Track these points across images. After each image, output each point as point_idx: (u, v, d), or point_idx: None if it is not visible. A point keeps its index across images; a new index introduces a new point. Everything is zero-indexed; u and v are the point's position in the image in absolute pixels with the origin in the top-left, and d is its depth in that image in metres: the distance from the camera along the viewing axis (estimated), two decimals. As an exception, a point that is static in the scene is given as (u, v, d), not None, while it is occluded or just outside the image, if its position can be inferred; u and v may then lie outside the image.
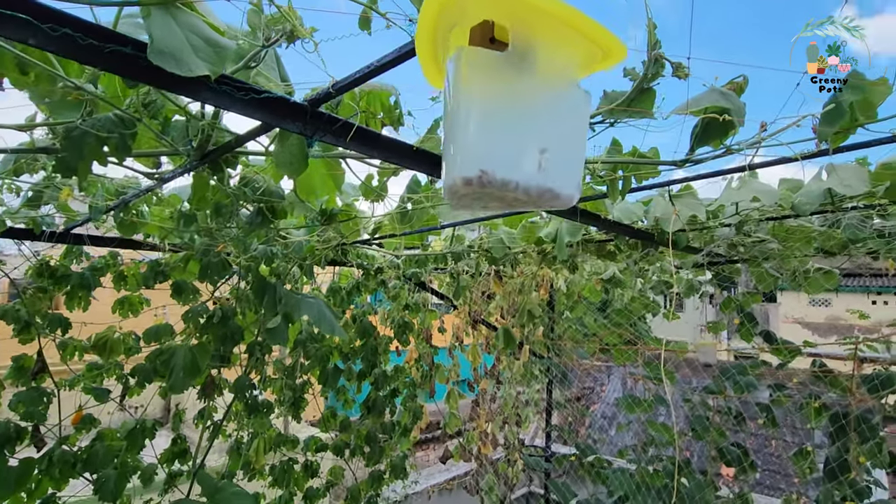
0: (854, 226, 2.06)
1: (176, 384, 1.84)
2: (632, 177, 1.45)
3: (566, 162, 0.38)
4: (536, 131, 0.37)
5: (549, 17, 0.37)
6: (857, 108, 1.07)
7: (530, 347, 3.81)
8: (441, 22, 0.39)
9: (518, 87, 0.37)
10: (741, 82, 1.18)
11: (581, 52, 0.40)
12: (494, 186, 0.36)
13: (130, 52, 0.64)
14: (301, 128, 0.86)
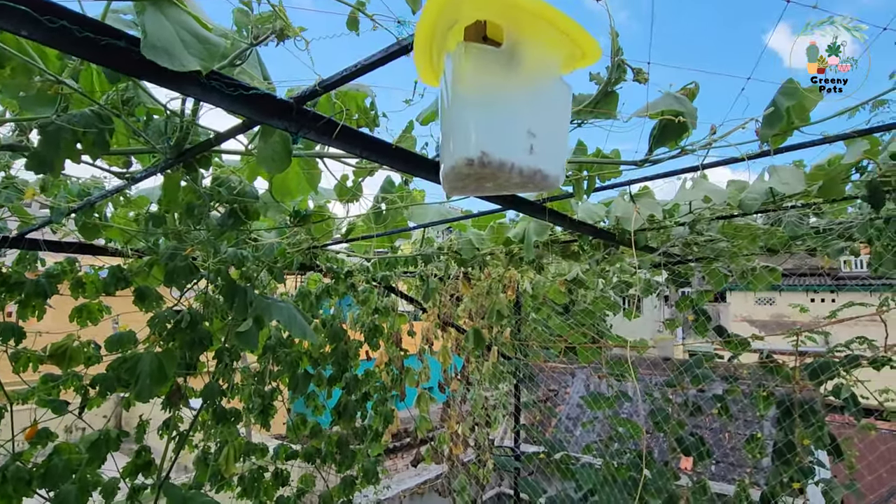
0: (793, 223, 2.24)
1: (142, 392, 1.79)
2: (596, 177, 1.54)
3: (553, 146, 0.44)
4: (528, 118, 0.42)
5: (536, 18, 0.42)
6: (793, 112, 1.20)
7: (498, 349, 3.89)
8: (439, 23, 0.44)
9: (510, 79, 0.42)
10: (693, 88, 1.29)
11: (564, 50, 0.45)
12: (493, 167, 0.40)
13: (124, 46, 0.65)
14: (287, 124, 0.88)
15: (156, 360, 1.86)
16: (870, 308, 3.22)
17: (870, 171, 1.66)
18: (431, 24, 0.44)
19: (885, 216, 2.39)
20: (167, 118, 1.02)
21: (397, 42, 0.75)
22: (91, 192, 1.50)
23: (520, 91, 0.41)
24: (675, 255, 3.11)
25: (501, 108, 0.41)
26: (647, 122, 1.35)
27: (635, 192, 2.13)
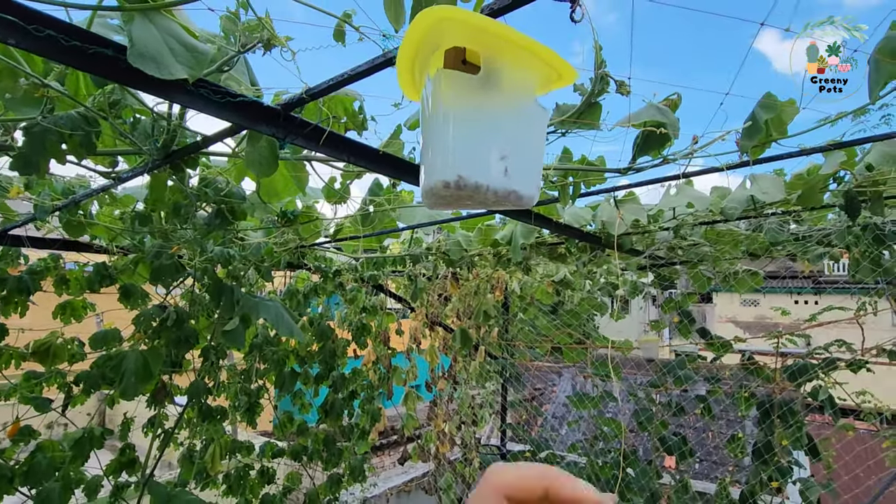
0: (774, 229, 2.30)
1: (127, 390, 1.79)
2: (581, 183, 1.57)
3: (528, 167, 0.45)
4: (503, 141, 0.43)
5: (513, 45, 0.44)
6: (772, 125, 1.23)
7: (486, 348, 3.92)
8: (421, 47, 0.45)
9: (488, 103, 0.43)
10: (675, 99, 1.32)
11: (540, 74, 0.47)
12: (469, 189, 0.41)
13: (111, 55, 0.65)
14: (274, 131, 0.89)
15: (141, 358, 1.86)
16: (848, 312, 3.30)
17: (846, 181, 1.71)
18: (413, 48, 0.46)
19: (862, 224, 2.45)
20: (154, 121, 1.02)
21: (383, 54, 0.76)
22: (76, 191, 1.50)
23: (497, 115, 0.43)
24: (660, 258, 3.16)
25: (478, 132, 0.42)
26: (632, 129, 1.37)
27: (622, 197, 2.17)
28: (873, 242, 2.50)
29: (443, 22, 0.41)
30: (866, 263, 2.45)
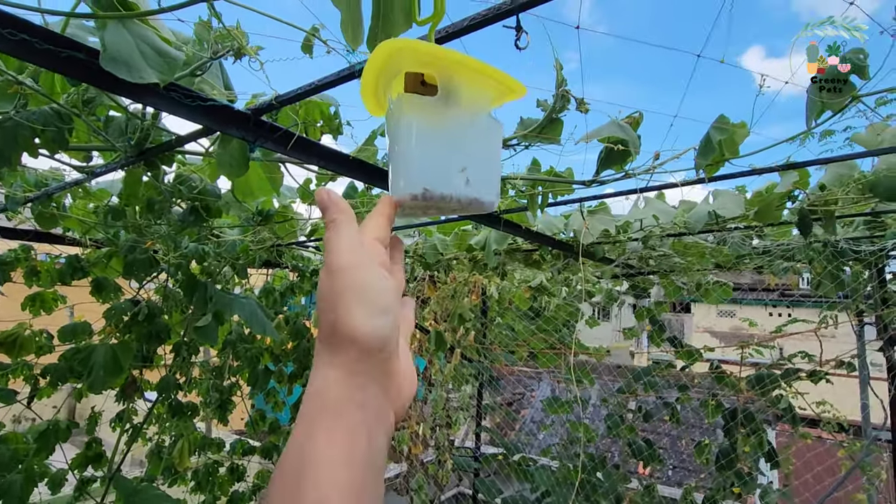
0: (737, 243, 2.39)
1: (95, 383, 1.79)
2: (549, 193, 1.62)
3: (487, 177, 0.48)
4: (463, 154, 0.46)
5: (466, 69, 0.49)
6: (724, 145, 1.30)
7: (462, 352, 3.96)
8: (381, 74, 0.49)
9: (446, 121, 0.47)
10: (637, 117, 1.38)
11: (493, 90, 0.49)
12: (435, 200, 0.44)
13: (84, 58, 0.68)
14: (244, 134, 0.92)
15: (110, 352, 1.86)
16: (811, 324, 3.43)
17: (800, 199, 1.80)
18: (374, 77, 0.49)
19: (822, 240, 2.57)
20: (128, 119, 1.05)
21: (349, 67, 0.81)
22: (49, 183, 1.50)
23: (455, 130, 0.46)
24: (633, 266, 3.25)
25: (439, 147, 0.45)
26: (602, 143, 1.44)
27: (594, 207, 2.24)
28: (832, 258, 2.62)
29: (399, 52, 0.45)
30: (823, 279, 2.56)
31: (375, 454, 0.33)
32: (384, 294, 0.36)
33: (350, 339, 0.34)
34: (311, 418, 0.33)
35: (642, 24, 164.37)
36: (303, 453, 0.31)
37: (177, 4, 0.65)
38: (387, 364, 0.36)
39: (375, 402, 0.35)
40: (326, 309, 0.35)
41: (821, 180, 1.77)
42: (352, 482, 0.31)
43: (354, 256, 0.36)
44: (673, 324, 18.86)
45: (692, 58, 1.03)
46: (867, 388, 3.11)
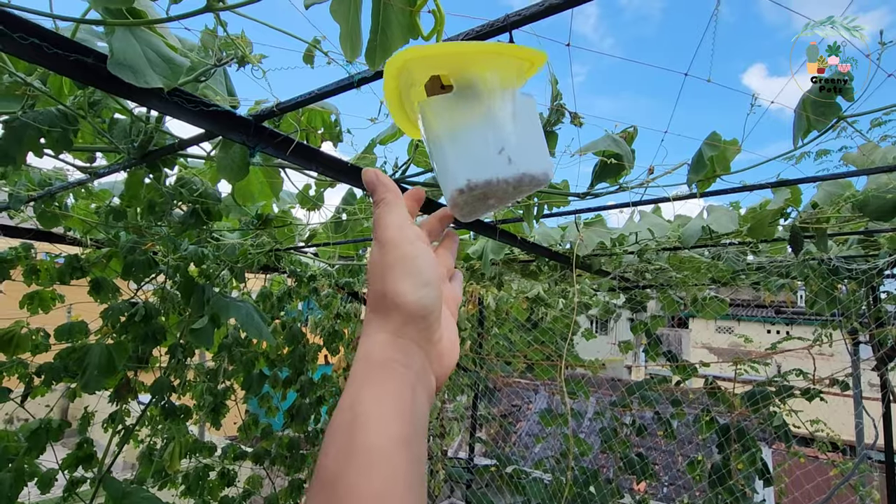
0: (732, 259, 2.41)
1: (90, 383, 1.79)
2: (545, 204, 1.65)
3: (529, 150, 0.46)
4: (497, 136, 0.45)
5: (476, 55, 0.46)
6: (716, 161, 1.33)
7: (458, 361, 3.96)
8: (401, 88, 0.49)
9: (471, 111, 0.45)
10: (632, 132, 1.41)
11: (512, 68, 0.48)
12: (481, 188, 0.44)
13: (92, 62, 0.71)
14: (244, 139, 0.95)
15: (106, 352, 1.87)
16: (807, 342, 3.44)
17: (792, 217, 1.82)
18: (395, 96, 0.49)
19: (817, 258, 2.59)
20: (132, 122, 1.07)
21: (348, 77, 0.83)
22: (52, 183, 1.53)
23: (483, 118, 0.46)
24: (629, 280, 3.26)
25: (470, 138, 0.45)
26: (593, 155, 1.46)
27: (590, 220, 2.26)
28: (826, 276, 2.64)
29: (405, 64, 0.46)
30: (814, 297, 2.58)
31: (420, 410, 0.36)
32: (429, 269, 0.39)
33: (396, 306, 0.37)
34: (360, 378, 0.36)
35: (649, 36, 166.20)
36: (354, 408, 0.33)
37: (184, 14, 0.68)
38: (429, 332, 0.39)
39: (419, 365, 0.37)
40: (376, 279, 0.39)
41: (813, 198, 1.80)
42: (400, 434, 0.33)
43: (403, 232, 0.40)
44: (670, 339, 18.82)
45: (695, 72, 1.05)
46: (860, 406, 3.11)
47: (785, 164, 1.40)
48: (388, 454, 0.32)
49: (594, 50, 0.99)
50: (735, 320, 18.21)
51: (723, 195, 1.49)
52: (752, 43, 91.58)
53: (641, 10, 65.71)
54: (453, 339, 0.43)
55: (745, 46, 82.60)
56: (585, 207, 1.77)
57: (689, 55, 0.91)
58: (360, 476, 0.31)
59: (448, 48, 0.48)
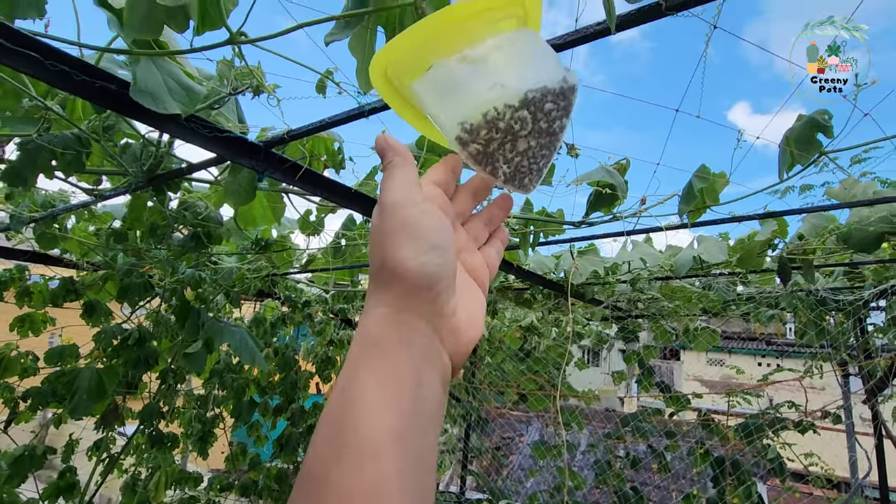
0: (722, 289, 2.46)
1: (78, 408, 1.76)
2: (540, 232, 1.69)
3: (528, 69, 0.41)
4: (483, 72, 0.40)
5: (451, 26, 0.41)
6: (705, 193, 1.38)
7: (450, 390, 3.93)
8: (400, 95, 0.45)
9: (458, 71, 0.41)
10: (624, 164, 1.47)
11: (505, 22, 0.42)
12: (483, 126, 0.39)
13: (115, 89, 0.74)
14: (254, 164, 0.98)
15: (96, 376, 1.84)
16: (796, 373, 3.46)
17: (780, 248, 1.88)
18: (394, 95, 0.45)
19: (805, 289, 2.64)
20: (144, 146, 1.10)
21: (358, 107, 0.88)
22: (55, 204, 1.54)
23: (470, 72, 0.41)
24: (622, 309, 3.29)
25: (456, 86, 0.41)
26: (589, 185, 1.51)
27: (583, 248, 2.31)
28: (814, 307, 2.68)
29: (389, 67, 0.42)
30: (804, 328, 2.62)
31: (425, 397, 0.32)
32: (435, 232, 0.35)
33: (395, 274, 0.33)
34: (355, 358, 0.32)
35: (639, 71, 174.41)
36: (345, 395, 0.30)
37: (207, 45, 0.72)
38: (437, 303, 0.34)
39: (424, 341, 0.33)
40: (375, 246, 0.35)
41: (799, 230, 1.86)
42: (395, 426, 0.29)
43: (405, 193, 0.35)
44: (663, 371, 18.71)
45: (684, 106, 1.11)
46: (853, 439, 3.11)
47: (771, 196, 1.47)
48: (380, 449, 0.28)
49: (587, 85, 1.05)
50: (726, 352, 18.24)
51: (712, 225, 1.54)
52: (737, 82, 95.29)
53: (631, 48, 65.27)
54: (474, 313, 0.38)
55: (730, 85, 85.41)
56: (580, 236, 1.82)
57: (678, 92, 0.97)
58: (347, 472, 0.27)
59: (422, 29, 0.41)
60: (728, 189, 1.48)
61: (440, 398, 0.34)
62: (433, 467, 0.32)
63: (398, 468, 0.28)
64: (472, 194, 0.43)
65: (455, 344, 0.36)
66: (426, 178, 0.41)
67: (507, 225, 1.63)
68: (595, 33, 0.63)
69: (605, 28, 0.62)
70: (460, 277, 0.39)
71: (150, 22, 0.66)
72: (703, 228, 1.69)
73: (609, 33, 0.61)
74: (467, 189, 0.43)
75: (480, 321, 0.39)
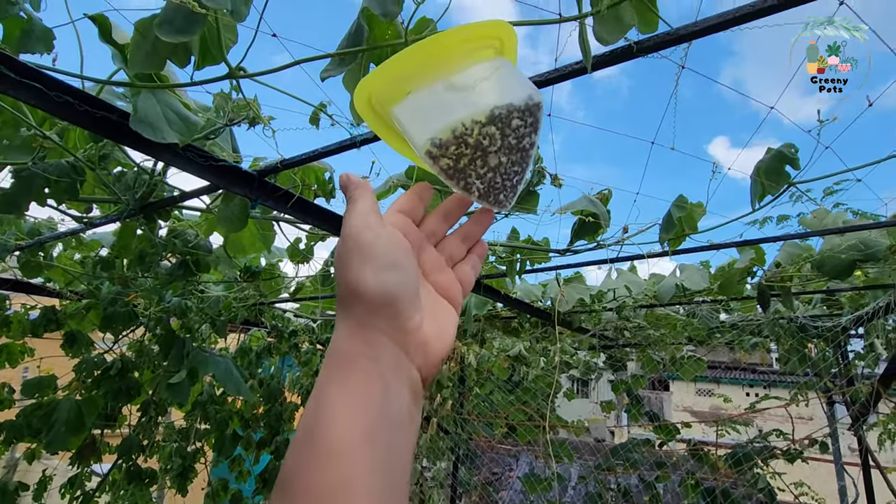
0: (706, 317, 2.50)
1: (55, 441, 1.71)
2: (527, 260, 1.72)
3: (496, 87, 0.42)
4: (452, 87, 0.42)
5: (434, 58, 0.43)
6: (684, 222, 1.44)
7: (438, 421, 3.86)
8: (385, 118, 0.47)
9: (437, 94, 0.44)
10: (607, 194, 1.52)
11: (475, 53, 0.44)
12: (451, 142, 0.40)
13: (115, 119, 0.77)
14: (247, 192, 1.00)
15: (75, 408, 1.80)
16: (783, 401, 3.48)
17: (759, 275, 1.93)
18: (379, 122, 0.47)
19: (786, 316, 2.70)
20: (137, 174, 1.12)
21: (351, 138, 0.91)
22: (42, 232, 1.54)
23: (448, 93, 0.43)
24: (609, 338, 3.31)
25: (428, 107, 0.43)
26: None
27: (569, 277, 2.35)
28: (796, 332, 2.74)
29: (371, 97, 0.44)
30: (787, 355, 2.66)
31: (394, 407, 0.33)
32: (392, 251, 0.37)
33: (355, 294, 0.35)
34: (325, 372, 0.34)
35: (618, 108, 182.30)
36: (316, 404, 0.32)
37: (207, 79, 0.75)
38: (399, 320, 0.36)
39: (390, 357, 0.35)
40: (338, 271, 0.37)
41: (776, 258, 1.92)
42: (364, 428, 0.31)
43: (362, 220, 0.38)
44: (652, 402, 18.60)
45: (660, 141, 1.18)
46: (840, 465, 3.12)
47: (749, 225, 1.53)
48: (348, 448, 0.30)
49: (570, 119, 1.10)
50: (715, 382, 18.25)
51: (692, 253, 1.59)
52: (715, 118, 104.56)
53: (611, 84, 72.94)
54: (442, 326, 0.40)
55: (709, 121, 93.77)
56: (565, 264, 1.86)
57: (655, 127, 1.02)
58: (315, 471, 0.29)
59: (403, 59, 0.43)
60: (707, 219, 1.54)
61: (410, 408, 0.35)
62: (406, 467, 0.33)
63: (367, 467, 0.30)
64: (444, 216, 0.46)
65: (423, 357, 0.37)
66: (392, 207, 0.43)
67: (495, 253, 1.67)
68: (573, 72, 0.68)
69: (583, 67, 0.67)
70: (430, 296, 0.42)
71: (153, 57, 0.69)
72: (683, 256, 1.75)
73: (586, 72, 0.66)
74: (438, 211, 0.46)
75: (450, 336, 0.41)
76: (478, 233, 0.48)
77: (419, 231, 0.44)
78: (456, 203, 0.46)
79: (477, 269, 0.47)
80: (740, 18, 0.57)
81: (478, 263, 0.47)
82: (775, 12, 0.58)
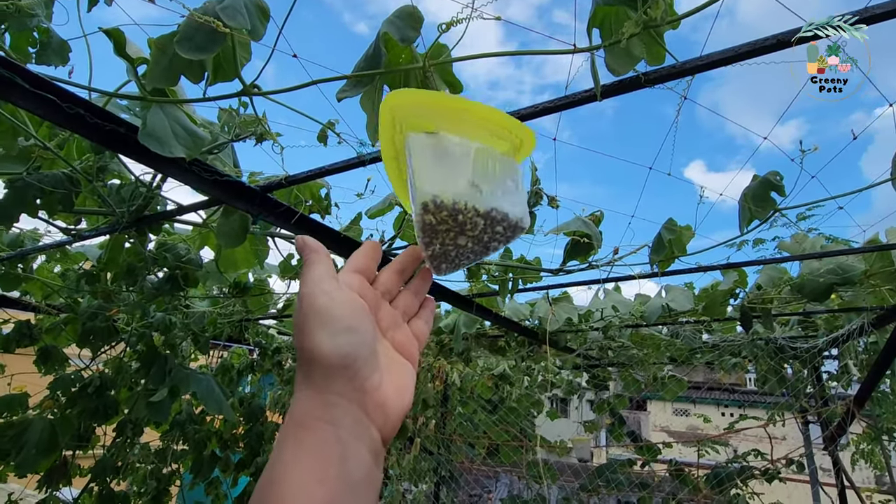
0: (689, 337, 2.56)
1: (25, 463, 1.63)
2: (519, 279, 1.74)
3: (503, 194, 0.46)
4: (473, 172, 0.46)
5: (467, 114, 0.47)
6: (674, 244, 1.48)
7: (422, 441, 3.81)
8: (395, 144, 0.50)
9: (451, 147, 0.47)
10: (599, 215, 1.56)
11: (500, 137, 0.49)
12: (448, 209, 0.43)
13: (123, 132, 0.77)
14: (250, 207, 1.00)
15: (48, 427, 1.72)
16: (760, 421, 3.55)
17: (741, 297, 1.99)
18: (391, 150, 0.50)
19: (764, 337, 2.77)
20: (135, 187, 1.11)
21: (358, 157, 0.92)
22: (25, 243, 1.50)
23: (462, 154, 0.47)
24: (592, 357, 3.34)
25: (448, 166, 0.46)
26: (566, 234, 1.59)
27: (557, 296, 2.37)
28: (773, 354, 2.81)
29: (394, 110, 0.47)
30: (765, 375, 2.73)
31: (353, 470, 0.33)
32: (346, 314, 0.38)
33: (312, 358, 0.36)
34: (282, 440, 0.34)
35: (604, 129, 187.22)
36: (271, 473, 0.32)
37: (220, 95, 0.76)
38: (357, 380, 0.36)
39: (349, 420, 0.35)
40: (295, 335, 0.37)
41: (757, 281, 1.99)
42: (323, 498, 0.30)
43: (316, 285, 0.38)
44: (630, 422, 18.69)
45: (644, 161, 1.22)
46: (817, 486, 3.18)
47: (730, 249, 1.58)
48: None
49: (562, 141, 1.13)
50: (691, 402, 18.46)
51: (680, 275, 1.64)
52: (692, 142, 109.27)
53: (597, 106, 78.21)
54: (400, 384, 0.41)
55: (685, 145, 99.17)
56: (556, 283, 1.89)
57: (640, 149, 1.06)
58: None
59: (439, 98, 0.48)
60: (692, 242, 1.59)
61: (370, 469, 0.35)
62: None
63: None
64: (399, 272, 0.47)
65: (383, 417, 0.38)
66: (346, 268, 0.44)
67: (488, 272, 1.68)
68: (583, 99, 0.71)
69: (592, 94, 0.70)
70: (388, 353, 0.43)
71: (169, 73, 0.69)
72: (668, 278, 1.79)
73: (596, 99, 0.69)
74: (392, 267, 0.47)
75: (409, 393, 0.41)
76: (424, 288, 0.49)
77: (374, 289, 0.45)
78: (411, 259, 0.48)
79: (429, 324, 0.48)
80: (744, 55, 0.61)
81: (430, 318, 0.49)
82: (784, 48, 0.61)
